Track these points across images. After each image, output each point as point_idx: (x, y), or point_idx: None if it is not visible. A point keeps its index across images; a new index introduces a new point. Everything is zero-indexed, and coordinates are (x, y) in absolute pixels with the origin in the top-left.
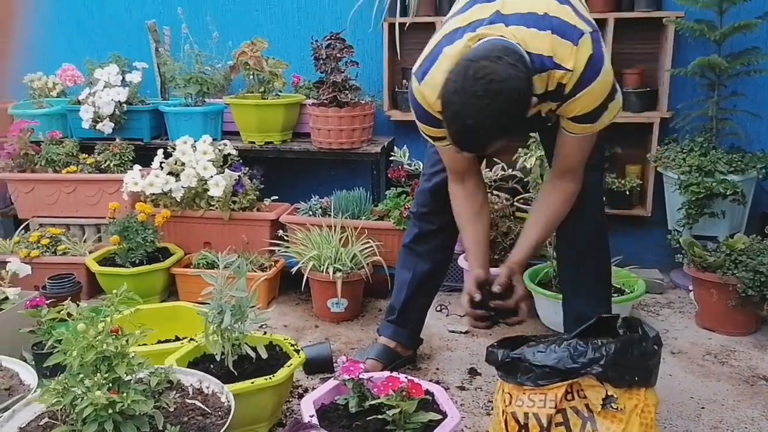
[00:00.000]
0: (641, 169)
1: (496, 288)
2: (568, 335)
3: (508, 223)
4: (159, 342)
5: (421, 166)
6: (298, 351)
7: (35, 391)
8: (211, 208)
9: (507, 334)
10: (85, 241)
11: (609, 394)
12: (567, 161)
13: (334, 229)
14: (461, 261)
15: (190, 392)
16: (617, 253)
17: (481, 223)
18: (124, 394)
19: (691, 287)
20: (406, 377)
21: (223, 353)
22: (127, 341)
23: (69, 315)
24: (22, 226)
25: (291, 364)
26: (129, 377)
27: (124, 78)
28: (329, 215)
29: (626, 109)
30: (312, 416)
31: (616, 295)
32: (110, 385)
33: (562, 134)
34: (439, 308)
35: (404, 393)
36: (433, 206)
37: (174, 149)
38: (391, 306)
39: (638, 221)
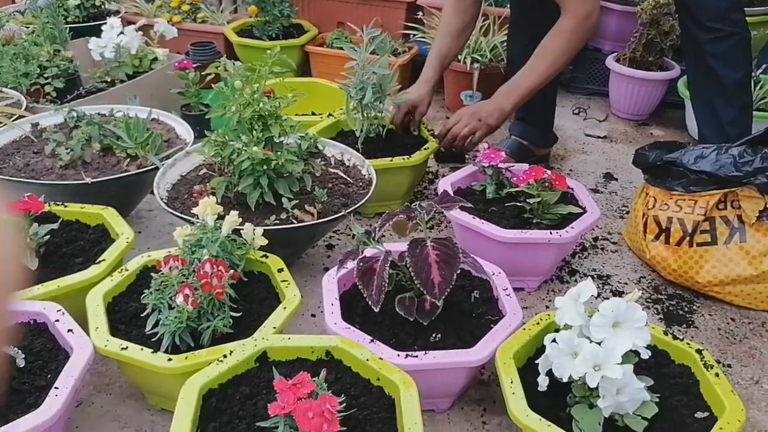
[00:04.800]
0: None
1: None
2: (734, 143)
3: (671, 21)
4: (296, 116)
5: None
6: (435, 137)
7: (191, 145)
8: None
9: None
10: (222, 12)
11: None
12: None
13: None
14: (609, 61)
15: (333, 162)
16: None
17: (457, 41)
18: (278, 153)
19: None
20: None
21: (361, 130)
22: (279, 104)
23: (226, 70)
24: None
25: (427, 148)
26: (281, 138)
27: None
28: None
29: None
30: None
31: None
32: (264, 143)
33: None
34: (576, 111)
35: (546, 184)
36: None
37: None
38: None
39: None
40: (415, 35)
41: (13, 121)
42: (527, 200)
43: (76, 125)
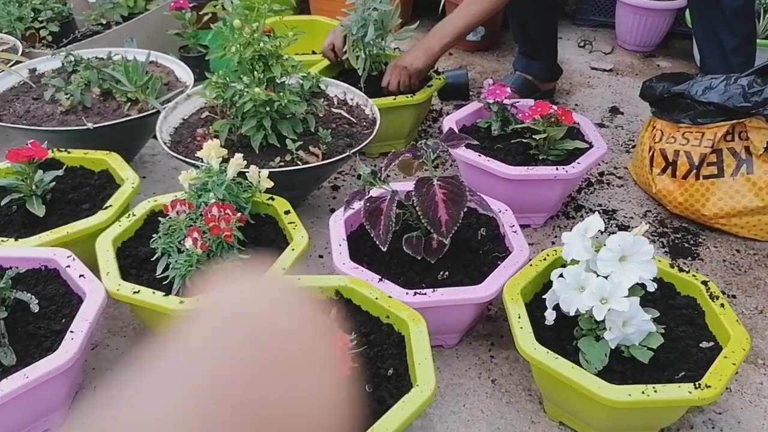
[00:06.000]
0: None
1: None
2: (742, 73)
3: None
4: (296, 55)
5: None
6: (438, 74)
7: (191, 88)
8: None
9: (646, 73)
10: None
11: None
12: None
13: None
14: None
15: (335, 102)
16: None
17: None
18: (281, 94)
19: None
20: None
21: (363, 68)
22: (280, 43)
23: (224, 9)
24: None
25: (431, 85)
26: (283, 79)
27: None
28: None
29: None
30: None
31: None
32: (266, 84)
33: None
34: (582, 43)
35: (553, 119)
36: None
37: None
38: (516, 39)
39: None
40: None
41: (11, 67)
42: (533, 136)
43: (74, 70)
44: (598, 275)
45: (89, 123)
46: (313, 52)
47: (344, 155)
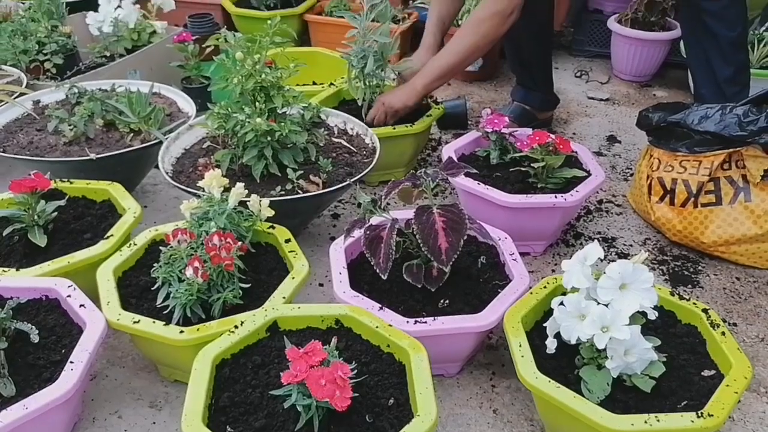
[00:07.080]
0: None
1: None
2: (731, 101)
3: None
4: (297, 86)
5: None
6: (437, 103)
7: (193, 119)
8: None
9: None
10: None
11: None
12: None
13: None
14: (610, 23)
15: (336, 132)
16: None
17: (455, 4)
18: (282, 124)
19: None
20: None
21: (363, 99)
22: (281, 74)
23: (226, 41)
24: None
25: (430, 115)
26: (284, 109)
27: None
28: None
29: None
30: None
31: None
32: (268, 114)
33: None
34: (578, 74)
35: (551, 148)
36: None
37: None
38: (513, 70)
39: None
40: (414, 1)
41: (15, 98)
42: (531, 165)
43: (77, 101)
44: (598, 303)
45: (92, 154)
46: (314, 83)
47: (344, 184)
